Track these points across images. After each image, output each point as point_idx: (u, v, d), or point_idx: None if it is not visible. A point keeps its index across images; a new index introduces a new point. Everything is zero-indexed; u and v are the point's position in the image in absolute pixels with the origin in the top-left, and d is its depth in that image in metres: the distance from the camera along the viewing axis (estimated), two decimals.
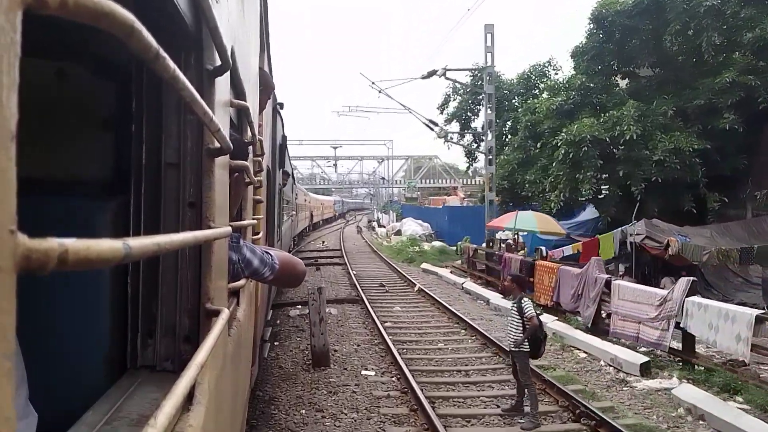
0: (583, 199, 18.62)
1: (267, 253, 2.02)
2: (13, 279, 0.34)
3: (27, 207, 0.51)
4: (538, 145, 21.44)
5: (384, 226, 45.69)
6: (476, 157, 29.60)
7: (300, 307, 12.54)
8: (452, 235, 29.88)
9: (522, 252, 16.40)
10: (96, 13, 0.41)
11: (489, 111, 21.22)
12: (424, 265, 21.67)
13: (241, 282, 1.91)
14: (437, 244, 29.30)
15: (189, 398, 0.99)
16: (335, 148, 62.71)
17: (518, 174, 22.28)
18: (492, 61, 21.17)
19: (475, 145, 27.89)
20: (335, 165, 63.66)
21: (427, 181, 65.09)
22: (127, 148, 1.42)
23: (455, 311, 12.30)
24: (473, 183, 62.06)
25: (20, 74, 0.35)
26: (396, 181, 65.96)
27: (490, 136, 21.27)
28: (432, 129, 24.01)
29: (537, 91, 27.17)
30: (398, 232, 36.63)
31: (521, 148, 22.80)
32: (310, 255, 24.16)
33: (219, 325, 1.13)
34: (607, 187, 18.03)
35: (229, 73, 1.43)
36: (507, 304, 12.77)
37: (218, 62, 1.29)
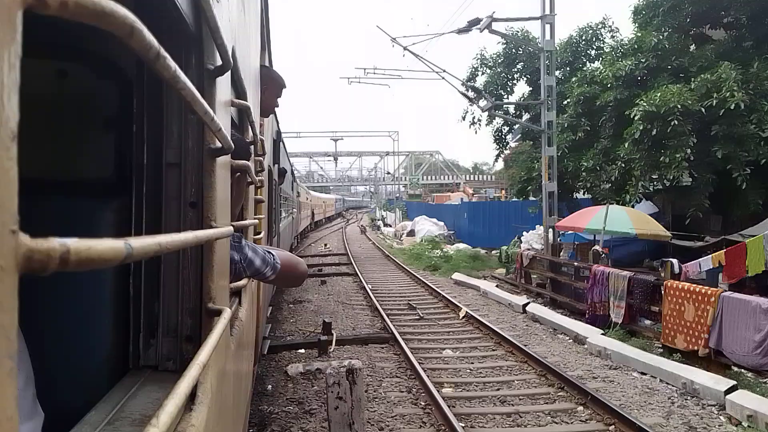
0: (659, 188, 15.01)
1: (269, 252, 2.03)
2: (15, 279, 0.34)
3: (28, 207, 0.51)
4: (597, 123, 17.30)
5: (391, 226, 43.17)
6: (507, 143, 24.94)
7: (303, 352, 8.52)
8: (474, 235, 26.35)
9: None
10: (96, 13, 0.41)
11: (548, 74, 16.01)
12: (457, 276, 17.19)
13: (243, 282, 1.91)
14: (462, 246, 24.66)
15: (191, 398, 0.99)
16: (335, 141, 60.45)
17: (569, 160, 17.53)
18: (551, 8, 15.60)
19: (507, 128, 23.31)
20: (335, 159, 61.79)
21: (428, 177, 65.19)
22: (129, 148, 1.42)
23: (540, 359, 7.85)
24: (476, 179, 62.21)
25: (21, 74, 0.35)
26: (397, 178, 65.90)
27: (550, 107, 16.07)
28: (470, 98, 19.27)
29: (585, 59, 21.95)
30: (411, 233, 32.22)
31: (572, 128, 17.66)
32: (312, 261, 20.62)
33: (221, 324, 1.13)
34: (688, 172, 14.46)
35: (230, 72, 1.43)
36: (616, 345, 8.57)
37: (219, 62, 1.29)
